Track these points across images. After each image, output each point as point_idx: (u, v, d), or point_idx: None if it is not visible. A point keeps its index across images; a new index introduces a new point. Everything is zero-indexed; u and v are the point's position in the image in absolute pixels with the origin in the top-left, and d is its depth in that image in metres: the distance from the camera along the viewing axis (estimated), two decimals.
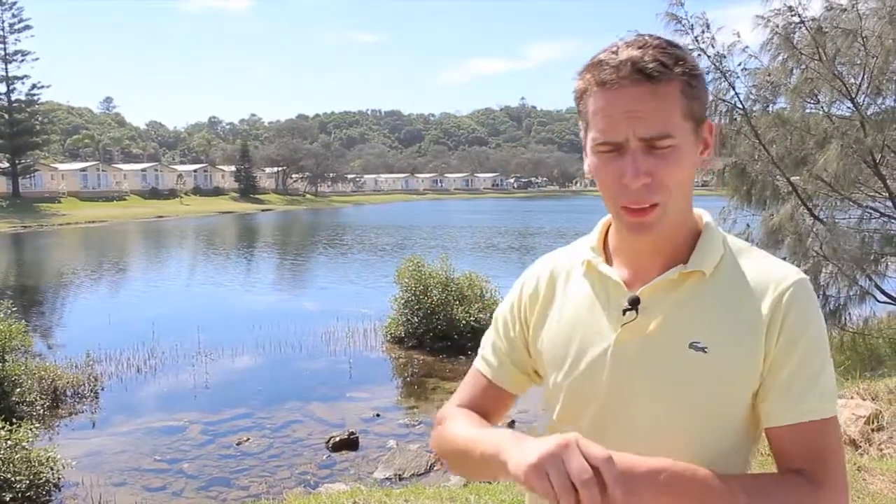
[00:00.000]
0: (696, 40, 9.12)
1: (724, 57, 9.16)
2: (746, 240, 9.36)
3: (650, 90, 1.14)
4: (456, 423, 1.37)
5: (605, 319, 1.29)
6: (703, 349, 1.20)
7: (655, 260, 1.27)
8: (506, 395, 1.46)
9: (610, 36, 1.21)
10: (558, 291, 1.38)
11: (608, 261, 1.33)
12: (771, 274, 1.23)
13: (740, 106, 9.24)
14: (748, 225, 9.89)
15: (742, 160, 9.39)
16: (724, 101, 9.27)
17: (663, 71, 1.14)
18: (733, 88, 9.25)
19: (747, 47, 9.14)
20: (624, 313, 1.25)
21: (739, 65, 9.26)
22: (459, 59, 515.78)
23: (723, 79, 9.23)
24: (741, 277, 1.24)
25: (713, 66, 9.18)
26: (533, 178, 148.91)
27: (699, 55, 9.17)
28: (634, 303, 1.24)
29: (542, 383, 1.43)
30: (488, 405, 1.44)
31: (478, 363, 1.48)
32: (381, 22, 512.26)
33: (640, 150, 1.15)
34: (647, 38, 1.17)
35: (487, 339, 1.49)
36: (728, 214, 10.02)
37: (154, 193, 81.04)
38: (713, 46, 9.12)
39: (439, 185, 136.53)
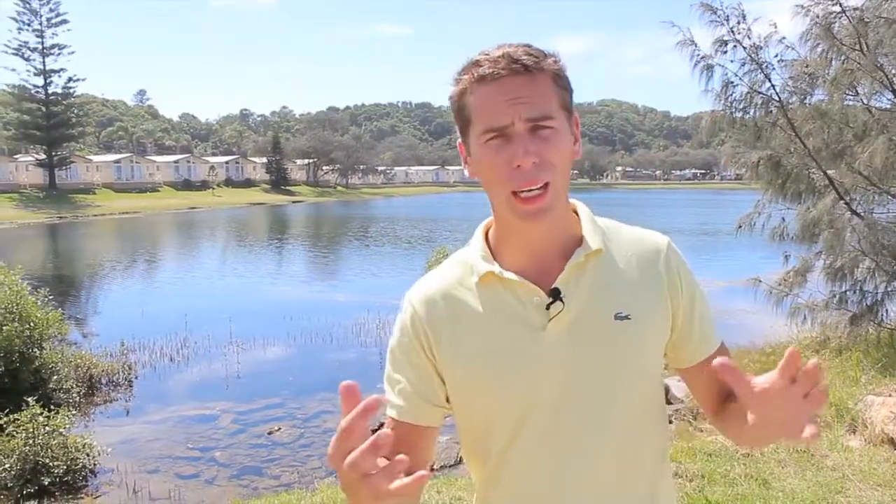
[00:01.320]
0: (732, 31, 8.99)
1: (761, 48, 9.02)
2: (782, 234, 9.29)
3: (528, 79, 1.23)
4: None
5: (526, 322, 1.30)
6: (626, 317, 1.30)
7: (554, 249, 1.33)
8: (421, 431, 1.37)
9: (635, 28, 1.25)
10: (460, 311, 1.34)
11: (501, 266, 1.34)
12: (648, 239, 1.39)
13: (776, 98, 9.10)
14: (783, 219, 9.75)
15: (777, 153, 9.25)
16: (759, 93, 9.13)
17: (536, 62, 1.24)
18: (769, 80, 9.11)
19: (784, 38, 9.00)
20: (548, 307, 1.29)
21: (776, 56, 9.12)
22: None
23: (759, 70, 9.09)
24: (626, 247, 1.37)
25: (749, 58, 9.06)
26: None
27: (735, 46, 9.05)
28: (556, 294, 1.29)
29: (451, 410, 1.40)
30: (408, 448, 1.22)
31: (389, 410, 1.39)
32: (411, 14, 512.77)
33: (526, 132, 1.23)
34: (512, 42, 1.27)
35: (388, 380, 1.40)
36: (762, 208, 9.89)
37: (186, 185, 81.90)
38: (749, 38, 8.98)
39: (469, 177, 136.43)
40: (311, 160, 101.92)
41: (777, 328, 10.46)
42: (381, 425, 1.30)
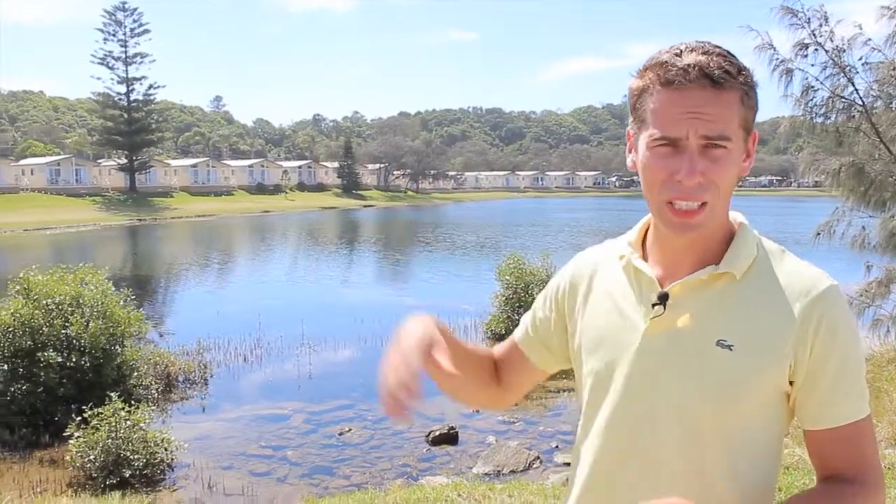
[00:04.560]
0: (814, 34, 8.77)
1: (844, 51, 8.77)
2: (862, 243, 9.03)
3: (714, 95, 1.19)
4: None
5: (636, 312, 1.34)
6: (729, 347, 1.25)
7: (687, 258, 1.32)
8: (524, 362, 1.58)
9: (709, 34, 1.23)
10: (595, 285, 1.44)
11: (644, 257, 1.39)
12: (803, 280, 1.27)
13: (860, 102, 8.83)
14: (864, 227, 9.47)
15: (860, 159, 8.99)
16: (841, 97, 8.88)
17: (727, 79, 1.20)
18: (852, 84, 8.85)
19: (869, 40, 8.73)
20: (653, 307, 1.31)
21: (860, 59, 8.85)
22: (559, 56, 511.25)
23: (841, 74, 8.85)
24: (773, 281, 1.28)
25: (831, 62, 8.82)
26: (635, 177, 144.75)
27: (816, 50, 8.83)
28: (663, 298, 1.30)
29: (558, 366, 1.57)
30: (510, 362, 1.61)
31: (517, 329, 1.63)
32: (482, 20, 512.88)
33: (697, 149, 1.21)
34: (707, 45, 1.23)
35: (528, 311, 1.62)
36: (842, 216, 9.62)
37: (260, 189, 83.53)
38: (831, 40, 8.75)
39: (540, 183, 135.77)
40: (382, 165, 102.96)
41: None
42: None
